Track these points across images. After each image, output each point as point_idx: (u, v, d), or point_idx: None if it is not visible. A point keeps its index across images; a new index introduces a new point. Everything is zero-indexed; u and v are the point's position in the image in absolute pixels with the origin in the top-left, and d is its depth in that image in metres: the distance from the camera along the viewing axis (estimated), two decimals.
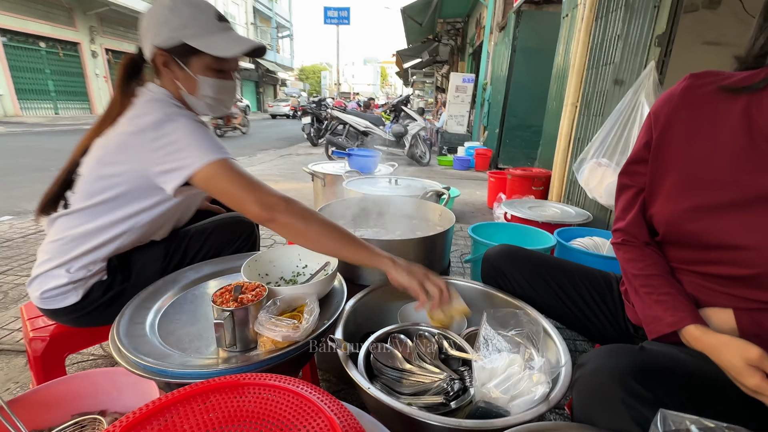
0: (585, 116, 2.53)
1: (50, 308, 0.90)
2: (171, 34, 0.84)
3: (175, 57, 0.87)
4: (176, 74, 0.89)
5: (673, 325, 0.68)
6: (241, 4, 23.14)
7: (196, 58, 0.88)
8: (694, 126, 0.69)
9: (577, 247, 1.58)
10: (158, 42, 0.85)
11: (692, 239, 0.70)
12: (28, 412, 0.65)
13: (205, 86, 0.90)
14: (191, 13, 0.85)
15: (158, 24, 0.85)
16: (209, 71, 0.90)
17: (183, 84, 0.90)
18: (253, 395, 0.47)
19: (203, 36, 0.86)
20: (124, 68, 0.90)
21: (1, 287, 1.76)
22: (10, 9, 10.94)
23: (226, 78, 0.93)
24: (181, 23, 0.84)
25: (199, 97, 0.92)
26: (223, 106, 0.98)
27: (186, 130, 0.81)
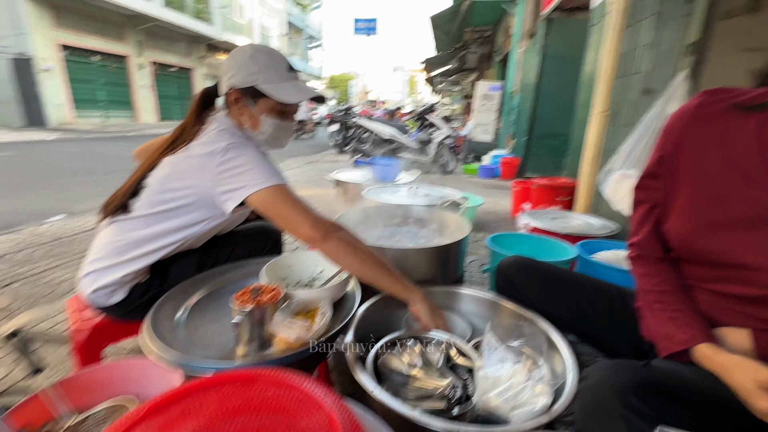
0: (613, 126, 2.46)
1: (98, 304, 1.00)
2: (246, 78, 0.96)
3: (246, 96, 0.99)
4: (243, 111, 1.01)
5: (684, 343, 0.66)
6: (276, 18, 24.11)
7: (263, 100, 1.00)
8: (706, 143, 0.68)
9: (598, 261, 1.55)
10: (234, 82, 0.97)
11: (705, 257, 0.69)
12: (69, 394, 0.72)
13: (266, 125, 1.02)
14: (266, 61, 0.97)
15: (238, 67, 0.97)
16: (272, 112, 1.02)
17: (248, 120, 1.02)
18: (261, 388, 0.51)
19: (273, 82, 0.98)
20: (200, 98, 1.04)
21: (51, 281, 1.93)
22: (71, 27, 12.01)
23: (286, 119, 1.06)
24: (257, 69, 0.96)
25: (259, 133, 1.04)
26: (278, 144, 1.10)
27: (249, 157, 0.92)
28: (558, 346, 0.82)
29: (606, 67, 2.58)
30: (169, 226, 0.98)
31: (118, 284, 0.98)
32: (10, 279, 1.93)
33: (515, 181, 3.63)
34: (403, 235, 1.44)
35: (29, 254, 2.26)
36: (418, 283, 1.11)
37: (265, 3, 22.56)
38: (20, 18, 10.87)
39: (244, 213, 1.19)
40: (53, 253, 2.31)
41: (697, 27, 1.70)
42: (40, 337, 1.47)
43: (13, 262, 2.13)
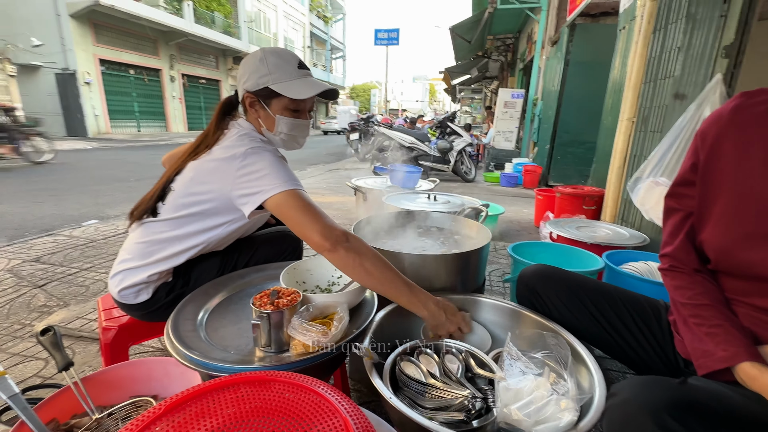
0: (642, 132, 2.37)
1: (125, 303, 1.03)
2: (258, 80, 0.99)
3: (260, 99, 1.02)
4: (259, 113, 1.04)
5: (725, 361, 0.62)
6: (299, 30, 24.84)
7: (276, 100, 1.01)
8: (745, 147, 0.64)
9: (627, 272, 1.48)
10: (248, 86, 1.00)
11: (745, 269, 0.64)
12: (95, 390, 0.75)
13: (281, 124, 1.04)
14: (276, 62, 0.99)
15: (250, 72, 1.00)
16: (286, 111, 1.03)
17: (264, 122, 1.05)
18: (278, 390, 0.51)
19: (283, 81, 0.99)
20: (221, 107, 1.07)
21: (84, 282, 2.03)
22: (109, 43, 12.82)
23: (300, 117, 1.06)
24: (267, 71, 0.98)
25: (275, 134, 1.05)
26: (295, 142, 1.11)
27: (267, 162, 0.93)
28: (584, 358, 0.78)
29: (634, 71, 2.50)
30: (193, 228, 1.01)
31: (144, 284, 1.01)
32: (47, 279, 2.04)
33: (538, 190, 3.54)
34: (422, 242, 1.42)
35: (65, 256, 2.38)
36: (437, 291, 1.10)
37: (290, 16, 23.31)
38: (65, 36, 11.68)
39: (263, 216, 1.21)
40: (87, 255, 2.42)
41: (733, 29, 1.62)
42: (71, 335, 1.54)
43: (50, 263, 2.25)
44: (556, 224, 2.15)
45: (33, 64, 11.70)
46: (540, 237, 2.86)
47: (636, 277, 1.43)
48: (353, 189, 2.58)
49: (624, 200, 2.56)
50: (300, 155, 10.06)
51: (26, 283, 1.98)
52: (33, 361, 1.37)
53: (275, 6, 21.36)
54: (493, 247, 2.87)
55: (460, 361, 0.83)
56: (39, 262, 2.27)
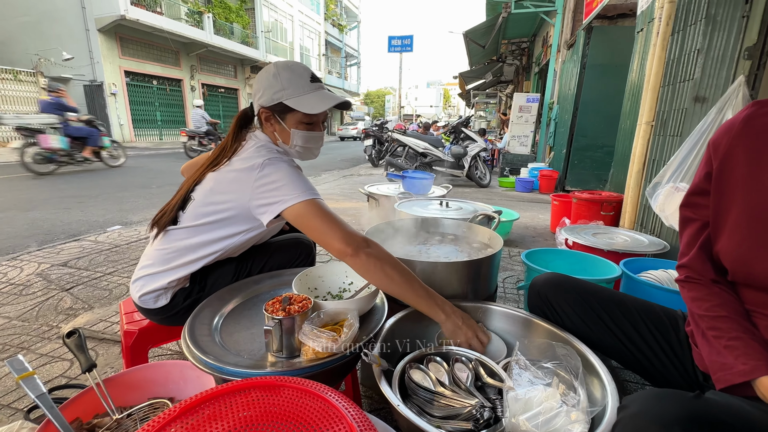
0: (661, 136, 2.31)
1: (145, 307, 1.07)
2: (272, 96, 1.02)
3: (275, 113, 1.05)
4: (275, 127, 1.07)
5: (745, 375, 0.60)
6: (315, 39, 25.28)
7: (291, 114, 1.04)
8: (757, 156, 0.63)
9: (646, 280, 1.44)
10: (262, 102, 1.04)
11: (763, 280, 0.62)
12: (116, 391, 0.78)
13: (296, 137, 1.07)
14: (289, 77, 1.02)
15: (264, 87, 1.03)
16: (300, 125, 1.06)
17: (279, 135, 1.08)
18: (287, 396, 0.52)
19: (297, 96, 1.02)
20: (238, 119, 1.11)
21: (108, 286, 2.11)
22: (134, 55, 13.38)
23: (314, 129, 1.09)
24: (281, 87, 1.01)
25: (291, 146, 1.09)
26: (310, 153, 1.14)
27: (284, 172, 0.96)
28: (597, 369, 0.77)
29: (653, 74, 2.45)
30: (211, 236, 1.04)
31: (163, 290, 1.05)
32: (73, 283, 2.13)
33: (554, 195, 3.49)
34: (434, 249, 1.42)
35: (90, 260, 2.48)
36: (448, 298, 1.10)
37: (306, 25, 23.77)
38: (93, 49, 12.25)
39: (279, 225, 1.24)
40: (111, 259, 2.51)
41: (756, 29, 1.57)
42: (95, 337, 1.60)
43: (76, 267, 2.35)
44: (572, 231, 2.11)
45: (64, 76, 12.30)
46: (556, 243, 2.82)
47: (655, 285, 1.39)
48: (366, 195, 2.60)
49: (643, 206, 2.49)
50: (315, 161, 10.17)
51: (54, 287, 2.07)
52: (60, 362, 1.43)
53: (291, 16, 21.84)
54: (507, 254, 2.84)
55: (469, 369, 0.82)
56: (66, 266, 2.37)
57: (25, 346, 1.53)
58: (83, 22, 12.10)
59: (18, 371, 0.73)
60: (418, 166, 6.42)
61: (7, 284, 2.09)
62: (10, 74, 10.80)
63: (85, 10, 11.95)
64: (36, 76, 11.39)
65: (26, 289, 2.04)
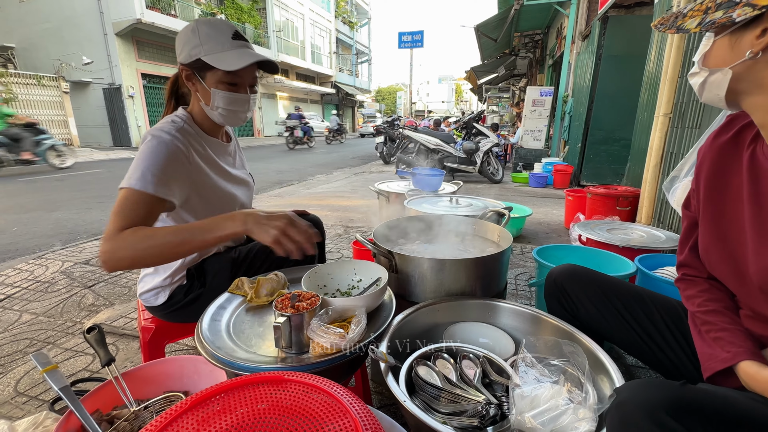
0: (679, 129, 2.24)
1: (148, 305, 1.11)
2: (191, 51, 0.96)
3: (194, 71, 0.99)
4: (197, 87, 1.01)
5: (726, 362, 0.62)
6: (326, 36, 25.35)
7: (210, 72, 0.97)
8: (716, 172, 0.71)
9: (661, 277, 1.40)
10: (182, 59, 0.98)
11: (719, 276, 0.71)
12: (134, 384, 0.81)
13: (216, 98, 0.99)
14: (208, 32, 0.96)
15: (183, 43, 0.97)
16: (221, 84, 0.99)
17: (201, 96, 1.01)
18: (293, 390, 0.53)
19: (216, 53, 0.95)
20: (169, 87, 1.09)
21: (127, 283, 2.18)
22: (150, 58, 13.69)
23: (237, 91, 1.01)
24: (198, 42, 0.95)
25: (213, 108, 1.02)
26: (236, 117, 1.05)
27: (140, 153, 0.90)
28: (606, 367, 0.76)
29: (671, 65, 2.38)
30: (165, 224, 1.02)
31: (160, 288, 1.08)
32: (95, 280, 2.21)
33: (568, 190, 3.42)
34: (443, 246, 1.42)
35: None
36: (455, 295, 1.10)
37: (317, 23, 23.84)
38: (112, 53, 12.59)
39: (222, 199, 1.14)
40: None
41: None
42: (116, 332, 1.66)
43: (98, 266, 2.44)
44: (586, 226, 2.07)
45: (84, 80, 12.70)
46: (570, 240, 2.77)
47: (670, 282, 1.36)
48: (376, 192, 2.61)
49: (660, 200, 2.43)
50: (327, 159, 10.26)
51: (77, 284, 2.15)
52: (83, 356, 1.49)
53: (302, 14, 21.93)
54: (519, 250, 2.81)
55: (477, 366, 0.82)
56: (88, 264, 2.46)
57: (50, 340, 1.60)
58: (101, 27, 12.44)
59: (43, 365, 0.76)
60: (429, 163, 6.39)
61: (34, 282, 2.19)
62: (34, 79, 11.19)
63: (103, 15, 12.28)
64: (58, 80, 11.78)
65: (51, 286, 2.13)
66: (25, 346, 1.56)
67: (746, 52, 0.56)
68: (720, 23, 0.57)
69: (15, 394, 1.28)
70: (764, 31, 0.54)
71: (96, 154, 10.45)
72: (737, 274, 0.66)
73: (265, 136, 19.52)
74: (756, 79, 0.57)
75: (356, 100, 31.54)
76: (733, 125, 0.71)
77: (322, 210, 4.12)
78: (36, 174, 6.96)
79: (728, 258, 0.67)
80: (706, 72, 0.63)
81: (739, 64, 0.58)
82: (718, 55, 0.61)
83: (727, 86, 0.61)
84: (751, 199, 0.63)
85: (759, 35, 0.54)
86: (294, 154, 11.39)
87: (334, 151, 12.95)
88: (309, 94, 24.33)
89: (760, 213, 0.61)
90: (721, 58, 0.61)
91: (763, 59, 0.55)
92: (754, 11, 0.52)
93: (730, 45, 0.59)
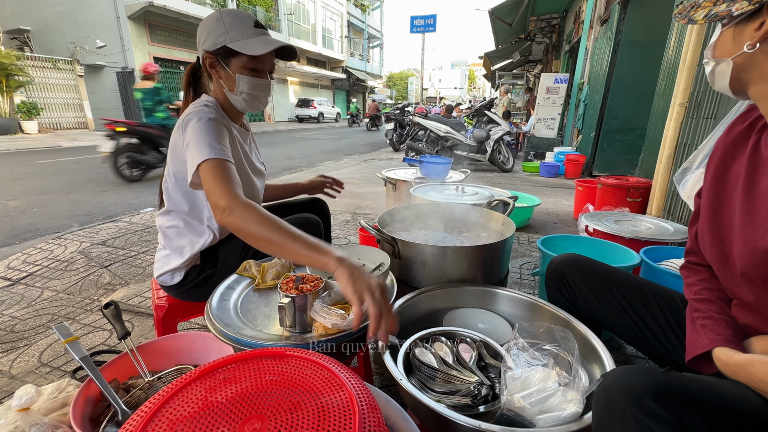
0: (694, 119, 2.19)
1: (163, 285, 1.17)
2: (215, 39, 1.01)
3: (219, 58, 1.04)
4: (220, 74, 1.07)
5: (704, 347, 0.65)
6: (337, 20, 24.97)
7: (235, 59, 1.04)
8: (725, 163, 0.71)
9: (666, 269, 1.40)
10: (206, 46, 1.03)
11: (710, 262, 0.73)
12: (148, 357, 0.86)
13: (241, 83, 1.06)
14: (232, 21, 1.02)
15: (207, 32, 1.03)
16: (245, 70, 1.05)
17: (225, 82, 1.07)
18: (293, 364, 0.57)
19: (240, 40, 1.01)
20: (188, 75, 1.13)
21: (142, 263, 2.26)
22: (162, 41, 13.72)
23: (260, 77, 1.08)
24: (224, 30, 1.01)
25: (237, 94, 1.08)
26: (258, 102, 1.12)
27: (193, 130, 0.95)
28: (599, 352, 0.78)
29: (690, 51, 2.30)
30: (183, 217, 1.10)
31: (176, 268, 1.13)
32: (111, 260, 2.30)
33: (578, 180, 3.38)
34: (447, 234, 1.44)
35: (126, 240, 2.66)
36: (456, 282, 1.12)
37: (328, 6, 23.46)
38: (125, 36, 12.64)
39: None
40: (144, 239, 2.68)
41: None
42: (131, 310, 1.73)
43: (113, 246, 2.53)
44: (593, 217, 2.06)
45: (98, 64, 12.81)
46: (578, 230, 2.76)
47: (674, 274, 1.36)
48: (384, 180, 2.63)
49: (672, 192, 2.39)
50: (337, 145, 10.25)
51: (95, 264, 2.24)
52: (101, 332, 1.57)
53: None
54: (526, 240, 2.81)
55: (473, 350, 0.85)
56: (104, 245, 2.55)
57: (70, 316, 1.68)
58: (114, 10, 12.46)
59: (64, 336, 0.82)
60: (439, 151, 6.35)
61: (54, 260, 2.28)
62: (50, 63, 11.35)
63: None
64: (73, 64, 11.92)
65: (70, 265, 2.22)
66: (47, 320, 1.64)
67: (745, 43, 0.56)
68: (722, 16, 0.57)
69: (39, 365, 1.36)
70: (761, 24, 0.54)
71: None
72: (723, 258, 0.67)
73: (275, 122, 19.55)
74: (757, 69, 0.58)
75: (367, 86, 31.20)
76: (749, 115, 0.71)
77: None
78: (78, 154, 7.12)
79: (719, 242, 0.68)
80: (714, 62, 0.64)
81: (739, 55, 0.58)
82: (723, 46, 0.62)
83: (729, 76, 0.62)
84: (744, 186, 0.64)
85: (757, 28, 0.55)
86: (304, 141, 11.41)
87: (344, 137, 12.92)
88: (320, 79, 24.14)
89: (750, 199, 0.62)
90: (725, 48, 0.61)
91: (761, 51, 0.56)
92: (750, 6, 0.53)
93: (733, 37, 0.59)
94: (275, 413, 0.48)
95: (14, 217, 3.35)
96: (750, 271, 0.60)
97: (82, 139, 9.61)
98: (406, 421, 0.62)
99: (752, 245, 0.59)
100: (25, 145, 8.29)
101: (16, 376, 1.30)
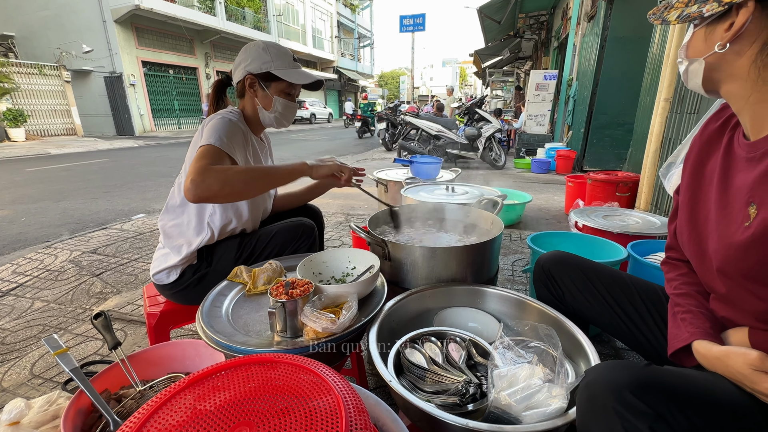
0: (678, 114, 2.23)
1: (158, 284, 1.19)
2: (261, 65, 1.19)
3: (260, 81, 1.21)
4: (258, 94, 1.23)
5: (684, 341, 0.67)
6: (327, 20, 24.89)
7: (275, 83, 1.22)
8: (701, 160, 0.73)
9: (652, 262, 1.43)
10: (251, 69, 1.20)
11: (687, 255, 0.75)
12: (139, 366, 0.86)
13: (277, 104, 1.24)
14: (277, 53, 1.21)
15: (253, 57, 1.19)
16: (282, 94, 1.24)
17: (261, 101, 1.24)
18: (282, 370, 0.58)
19: (283, 69, 1.21)
20: (215, 90, 1.28)
21: (134, 271, 2.24)
22: (150, 45, 13.56)
23: (291, 100, 1.28)
24: (270, 59, 1.19)
25: (271, 112, 1.25)
26: (285, 120, 1.30)
27: (213, 122, 1.11)
28: (585, 348, 0.80)
29: (673, 46, 2.34)
30: (189, 216, 1.19)
31: (173, 267, 1.17)
32: (102, 268, 2.28)
33: (569, 176, 3.42)
34: (436, 234, 1.45)
35: (117, 247, 2.64)
36: (448, 281, 1.13)
37: (317, 7, 23.37)
38: (111, 41, 12.48)
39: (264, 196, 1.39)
40: (135, 246, 2.66)
41: None
42: (123, 318, 1.73)
43: (105, 254, 2.51)
44: (582, 213, 2.09)
45: (85, 69, 12.64)
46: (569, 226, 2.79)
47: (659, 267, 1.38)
48: (375, 181, 2.63)
49: (659, 187, 2.43)
50: (329, 146, 10.23)
51: (86, 272, 2.23)
52: (94, 341, 1.56)
53: None
54: (518, 237, 2.83)
55: (462, 349, 0.87)
56: (96, 253, 2.53)
57: (62, 326, 1.67)
58: (100, 14, 12.29)
59: (54, 348, 0.82)
60: (431, 149, 6.37)
61: (44, 270, 2.26)
62: (36, 69, 11.18)
63: (101, 1, 12.11)
64: (59, 69, 11.75)
65: (61, 274, 2.20)
66: (38, 332, 1.63)
67: (716, 44, 0.58)
68: (693, 17, 0.59)
69: (31, 377, 1.35)
70: (731, 25, 0.56)
71: (100, 143, 10.50)
72: (700, 253, 0.69)
73: None
74: (728, 68, 0.60)
75: (359, 86, 31.14)
76: (722, 114, 0.73)
77: (324, 198, 4.15)
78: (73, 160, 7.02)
79: (696, 238, 0.70)
80: (687, 62, 0.66)
81: (710, 55, 0.60)
82: (695, 46, 0.63)
83: (702, 75, 0.63)
84: (719, 183, 0.66)
85: (727, 29, 0.56)
86: (297, 142, 11.37)
87: (337, 138, 12.90)
88: None
89: (725, 195, 0.64)
90: (697, 48, 0.63)
91: (731, 51, 0.58)
92: (720, 7, 0.55)
93: (704, 37, 0.61)
94: (264, 419, 0.49)
95: (2, 227, 3.30)
96: (725, 266, 0.62)
97: (70, 146, 9.50)
98: (396, 422, 0.63)
99: (726, 241, 0.61)
100: (12, 153, 8.16)
101: (8, 389, 1.29)
